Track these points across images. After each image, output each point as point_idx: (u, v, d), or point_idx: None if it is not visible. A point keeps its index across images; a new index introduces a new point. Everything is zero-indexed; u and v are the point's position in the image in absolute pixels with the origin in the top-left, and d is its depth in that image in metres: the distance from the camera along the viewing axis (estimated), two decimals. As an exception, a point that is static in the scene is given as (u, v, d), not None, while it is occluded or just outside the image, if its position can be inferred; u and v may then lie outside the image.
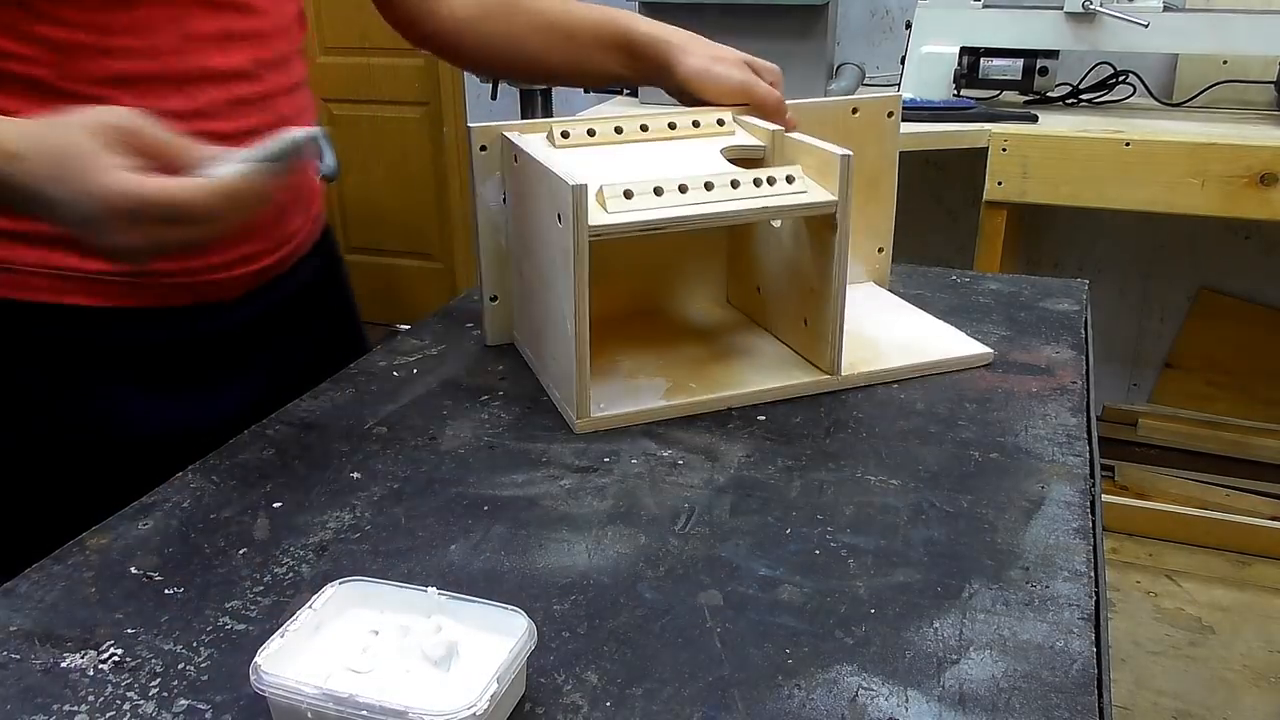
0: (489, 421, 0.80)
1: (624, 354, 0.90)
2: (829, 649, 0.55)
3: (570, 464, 0.74)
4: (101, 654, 0.55)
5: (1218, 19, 1.90)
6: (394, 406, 0.83)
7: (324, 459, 0.75)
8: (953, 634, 0.56)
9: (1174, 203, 1.82)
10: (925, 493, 0.70)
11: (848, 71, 2.20)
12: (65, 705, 0.51)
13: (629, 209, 0.75)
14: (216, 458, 0.75)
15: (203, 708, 0.51)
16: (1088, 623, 0.57)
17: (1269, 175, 1.76)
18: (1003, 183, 1.90)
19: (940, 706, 0.51)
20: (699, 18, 2.06)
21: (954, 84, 2.05)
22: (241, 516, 0.68)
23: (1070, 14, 1.92)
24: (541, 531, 0.66)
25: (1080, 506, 0.68)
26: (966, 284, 1.09)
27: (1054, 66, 2.01)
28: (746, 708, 0.51)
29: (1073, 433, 0.78)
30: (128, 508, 0.69)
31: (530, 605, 0.57)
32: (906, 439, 0.77)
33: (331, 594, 0.54)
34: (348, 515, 0.68)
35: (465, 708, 0.46)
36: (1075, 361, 0.90)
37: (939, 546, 0.64)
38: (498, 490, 0.71)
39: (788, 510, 0.68)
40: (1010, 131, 1.88)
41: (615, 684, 0.53)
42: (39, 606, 0.59)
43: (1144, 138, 1.83)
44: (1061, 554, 0.63)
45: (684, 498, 0.70)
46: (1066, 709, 0.51)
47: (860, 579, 0.61)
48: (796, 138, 0.85)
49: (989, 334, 0.95)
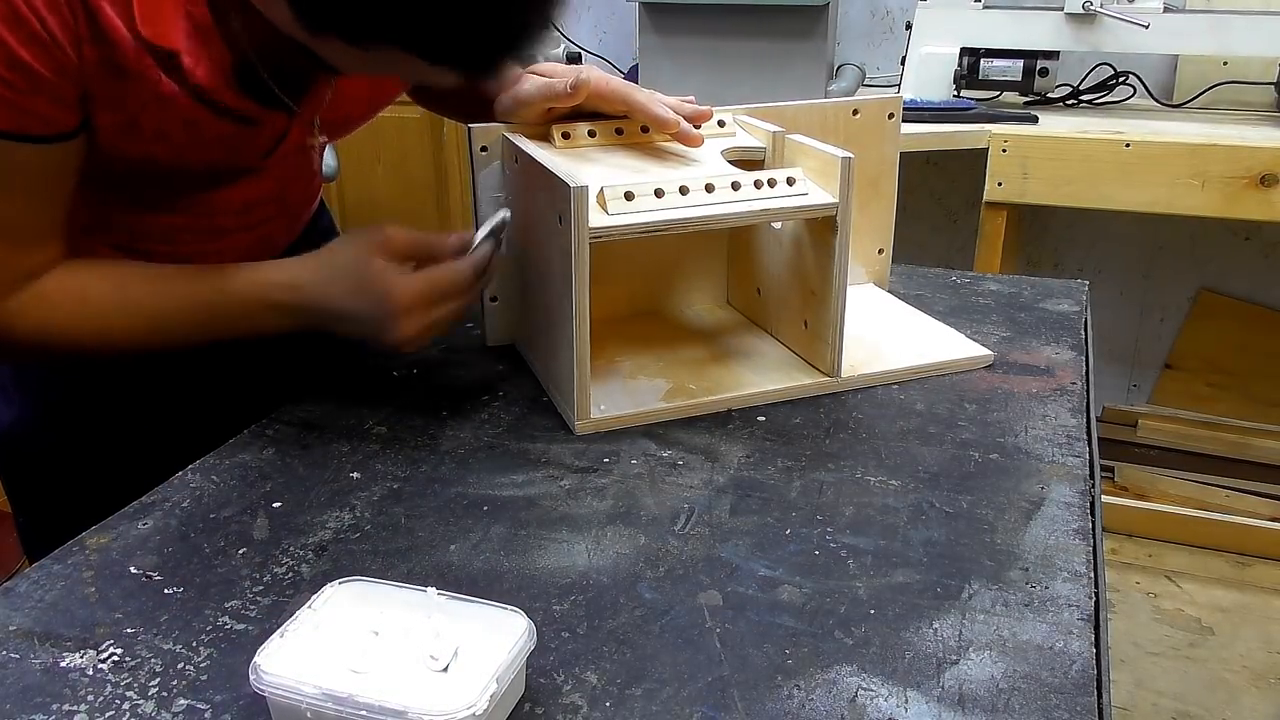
0: (489, 421, 0.80)
1: (624, 355, 0.90)
2: (829, 649, 0.55)
3: (570, 464, 0.74)
4: (101, 653, 0.55)
5: (1218, 20, 1.90)
6: (394, 406, 0.83)
7: (324, 459, 0.75)
8: (952, 634, 0.56)
9: (1174, 203, 1.82)
10: (925, 493, 0.70)
11: (848, 72, 2.20)
12: (65, 705, 0.51)
13: (630, 211, 0.75)
14: (216, 458, 0.75)
15: (202, 707, 0.51)
16: (1087, 623, 0.57)
17: (1269, 176, 1.76)
18: (1003, 183, 1.90)
19: (940, 707, 0.51)
20: (699, 18, 2.07)
21: (954, 85, 2.05)
22: (241, 516, 0.68)
23: (1070, 15, 1.92)
24: (541, 531, 0.66)
25: (1080, 507, 0.68)
26: (966, 285, 1.09)
27: (1054, 67, 2.00)
28: (746, 708, 0.51)
29: (1072, 433, 0.78)
30: (127, 507, 0.69)
31: (530, 605, 0.57)
32: (906, 440, 0.77)
33: (331, 594, 0.54)
34: (347, 515, 0.68)
35: (465, 708, 0.46)
36: (1075, 362, 0.90)
37: (939, 547, 0.64)
38: (497, 490, 0.71)
39: (787, 510, 0.68)
40: (1010, 132, 1.88)
41: (615, 684, 0.53)
42: (39, 606, 0.59)
43: (1144, 139, 1.83)
44: (1061, 555, 0.63)
45: (684, 498, 0.70)
46: (1066, 710, 0.51)
47: (860, 579, 0.61)
48: (797, 139, 0.85)
49: (989, 335, 0.95)
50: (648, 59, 2.08)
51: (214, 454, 0.75)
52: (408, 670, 0.50)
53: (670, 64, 2.08)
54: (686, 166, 0.84)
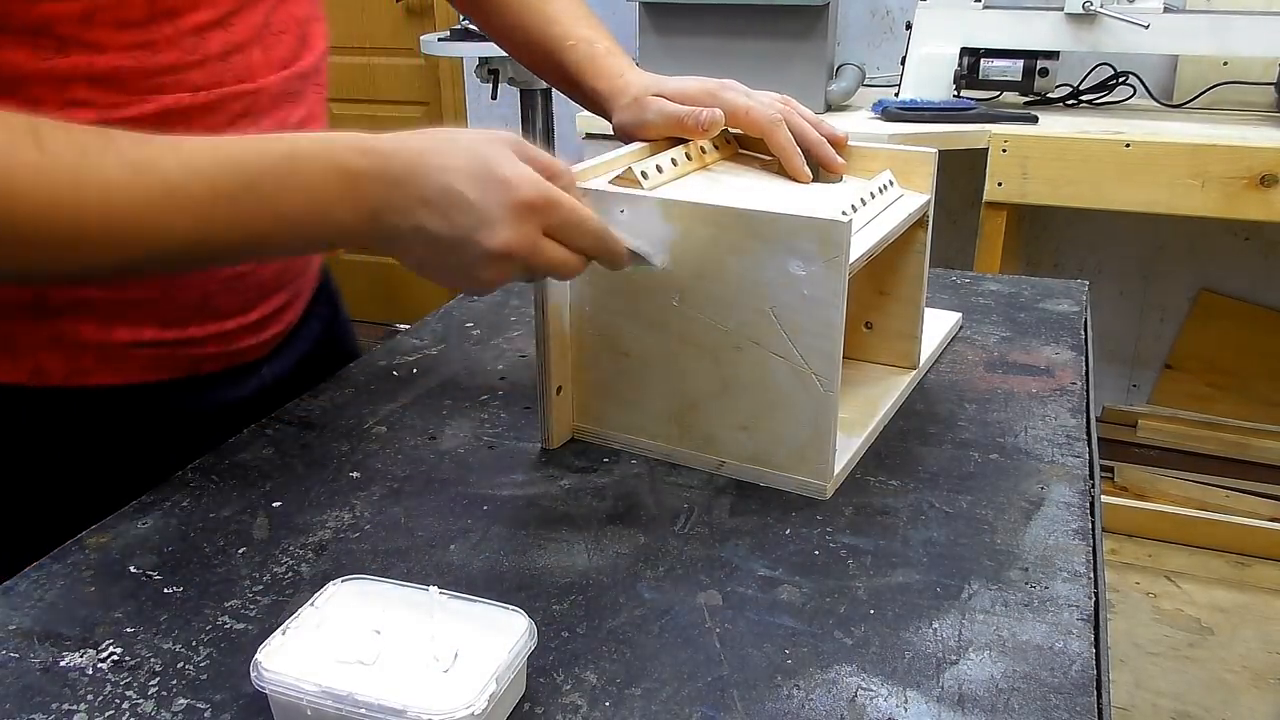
0: (489, 421, 0.80)
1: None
2: (828, 649, 0.55)
3: (570, 464, 0.74)
4: (100, 653, 0.55)
5: (1218, 20, 1.90)
6: (394, 406, 0.83)
7: (324, 458, 0.75)
8: (952, 634, 0.56)
9: (1174, 204, 1.82)
10: (925, 493, 0.70)
11: (848, 72, 2.20)
12: (64, 704, 0.51)
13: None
14: (216, 457, 0.75)
15: (201, 707, 0.51)
16: (1087, 623, 0.57)
17: (1269, 176, 1.76)
18: (1003, 183, 1.90)
19: (939, 707, 0.51)
20: (699, 18, 2.07)
21: (954, 85, 2.05)
22: (241, 516, 0.68)
23: (1070, 15, 1.92)
24: (541, 531, 0.66)
25: (1080, 507, 0.68)
26: (966, 285, 1.09)
27: (1054, 67, 2.00)
28: (745, 708, 0.51)
29: (1072, 433, 0.78)
30: (127, 506, 0.69)
31: (530, 605, 0.57)
32: (906, 439, 0.77)
33: (333, 592, 0.54)
34: (347, 515, 0.68)
35: (464, 707, 0.46)
36: (1075, 362, 0.90)
37: (938, 547, 0.64)
38: (497, 490, 0.71)
39: (787, 510, 0.68)
40: (1010, 132, 1.88)
41: (614, 684, 0.53)
42: (38, 605, 0.59)
43: (1144, 139, 1.83)
44: (1061, 555, 0.63)
45: (683, 498, 0.70)
46: (1065, 710, 0.51)
47: (860, 579, 0.61)
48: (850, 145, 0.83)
49: (989, 334, 0.95)
50: (648, 59, 2.08)
51: (214, 453, 0.75)
52: (409, 669, 0.50)
53: (670, 64, 2.08)
54: (786, 189, 0.78)
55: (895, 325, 0.85)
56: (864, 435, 0.76)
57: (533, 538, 0.65)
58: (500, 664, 0.48)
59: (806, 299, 0.65)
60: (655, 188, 0.72)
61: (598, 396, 0.76)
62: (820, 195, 0.77)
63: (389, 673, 0.49)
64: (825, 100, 2.11)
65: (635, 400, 0.75)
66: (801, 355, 0.67)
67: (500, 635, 0.51)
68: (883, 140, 1.80)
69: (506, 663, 0.49)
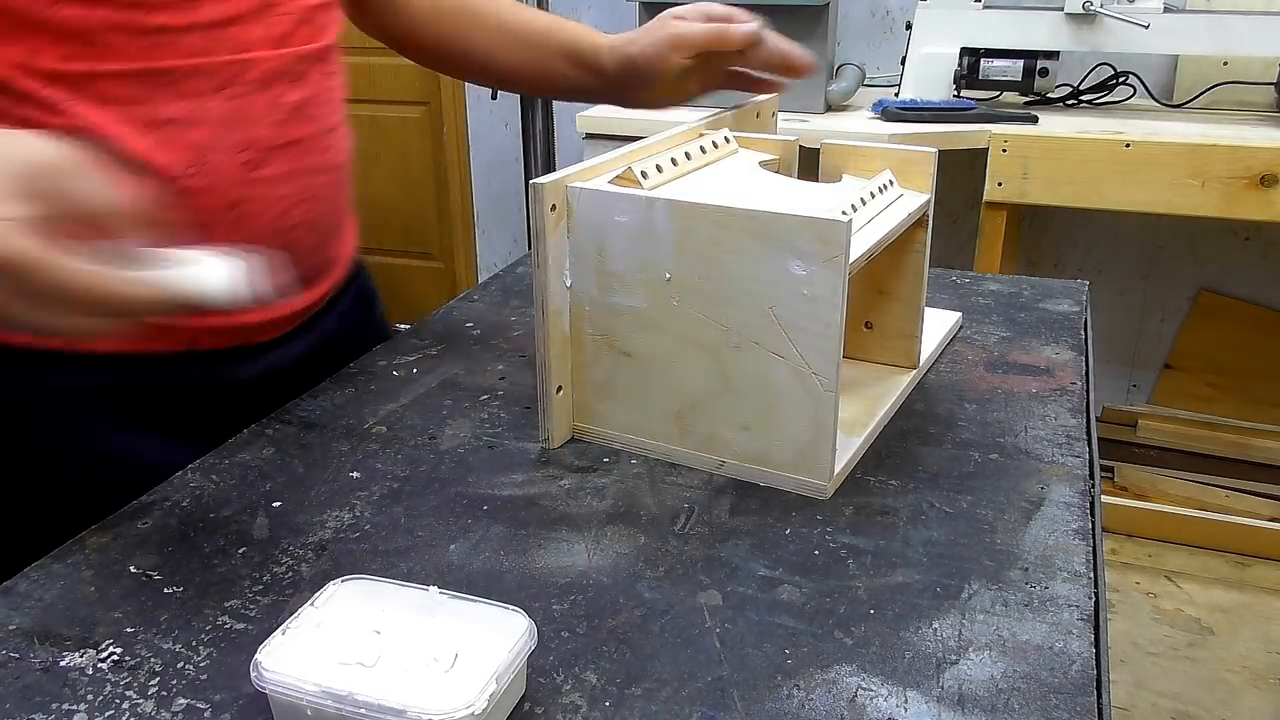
0: (489, 421, 0.80)
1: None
2: (828, 649, 0.55)
3: (570, 464, 0.74)
4: (100, 653, 0.55)
5: (1218, 20, 1.90)
6: (394, 406, 0.83)
7: (324, 458, 0.75)
8: (952, 634, 0.56)
9: (1174, 204, 1.82)
10: (925, 493, 0.70)
11: (848, 72, 2.20)
12: (64, 704, 0.51)
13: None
14: (216, 457, 0.75)
15: (201, 707, 0.51)
16: (1087, 623, 0.57)
17: (1269, 176, 1.76)
18: (1003, 184, 1.90)
19: (939, 707, 0.51)
20: (699, 18, 2.06)
21: (954, 85, 2.05)
22: (241, 515, 0.68)
23: (1070, 15, 1.92)
24: (541, 531, 0.66)
25: (1080, 507, 0.68)
26: (966, 285, 1.09)
27: (1054, 67, 2.01)
28: (745, 708, 0.51)
29: (1072, 433, 0.78)
30: (127, 506, 0.69)
31: (530, 605, 0.57)
32: (906, 439, 0.77)
33: (333, 592, 0.54)
34: (347, 514, 0.68)
35: (464, 707, 0.46)
36: (1075, 362, 0.90)
37: (938, 547, 0.64)
38: (497, 490, 0.71)
39: (787, 510, 0.68)
40: (1010, 132, 1.89)
41: (614, 684, 0.53)
42: (38, 605, 0.59)
43: (1144, 139, 1.83)
44: (1061, 555, 0.63)
45: (683, 498, 0.70)
46: (1065, 710, 0.51)
47: (860, 579, 0.61)
48: (841, 144, 0.83)
49: (989, 334, 0.95)
50: (648, 59, 2.08)
51: (214, 453, 0.75)
52: (409, 669, 0.50)
53: (670, 64, 2.07)
54: (805, 183, 0.79)
55: (895, 325, 0.85)
56: (864, 435, 0.76)
57: (533, 538, 0.65)
58: (500, 664, 0.48)
59: (806, 299, 0.65)
60: (655, 188, 0.72)
61: (598, 396, 0.76)
62: (820, 195, 0.77)
63: (389, 673, 0.49)
64: (825, 100, 2.11)
65: (635, 400, 0.74)
66: (801, 355, 0.67)
67: (500, 635, 0.51)
68: (883, 140, 1.81)
69: (506, 663, 0.49)
